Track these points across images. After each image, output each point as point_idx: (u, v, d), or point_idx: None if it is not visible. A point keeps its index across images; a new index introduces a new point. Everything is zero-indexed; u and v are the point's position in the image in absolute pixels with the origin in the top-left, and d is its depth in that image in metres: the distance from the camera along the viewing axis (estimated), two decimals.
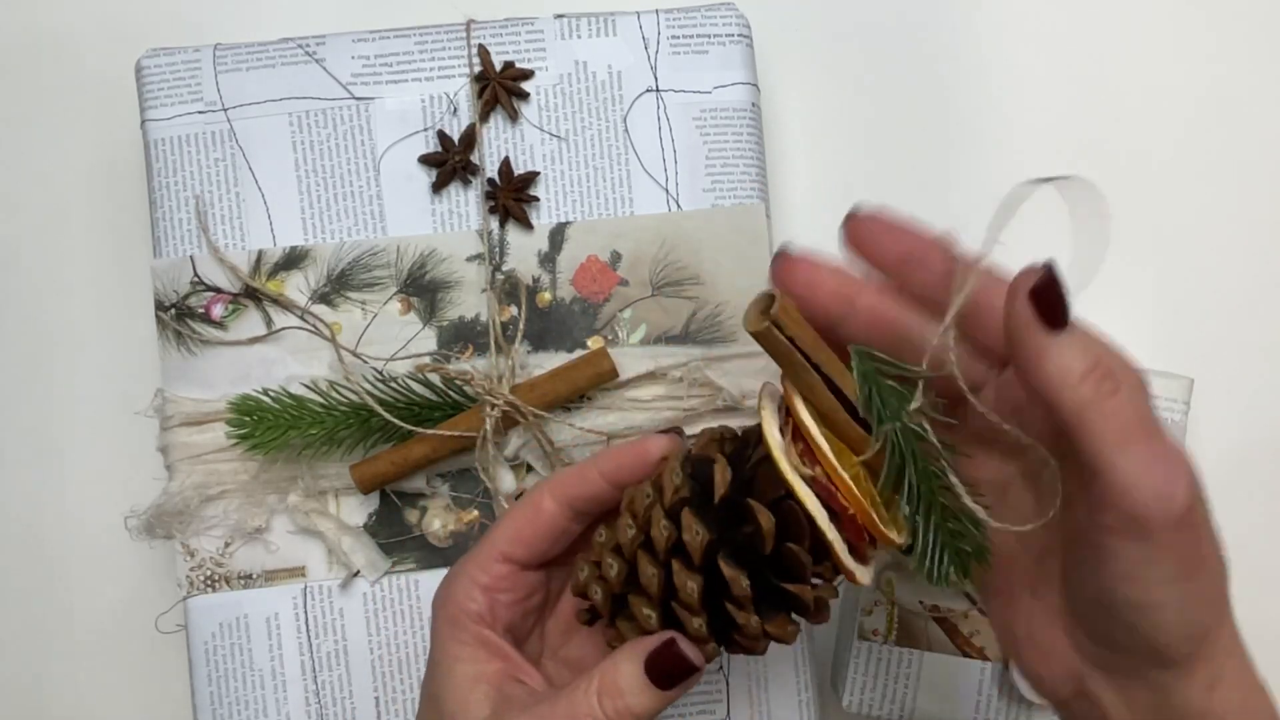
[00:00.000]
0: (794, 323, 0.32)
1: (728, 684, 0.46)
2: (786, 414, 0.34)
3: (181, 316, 0.46)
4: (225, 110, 0.47)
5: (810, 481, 0.32)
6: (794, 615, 0.35)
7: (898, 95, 0.53)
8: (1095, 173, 0.46)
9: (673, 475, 0.34)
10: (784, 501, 0.33)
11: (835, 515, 0.32)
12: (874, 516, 0.32)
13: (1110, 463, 0.28)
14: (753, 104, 0.48)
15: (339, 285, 0.47)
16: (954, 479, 0.32)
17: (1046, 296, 0.29)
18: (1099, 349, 0.29)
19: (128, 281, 0.52)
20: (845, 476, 0.32)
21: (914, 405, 0.31)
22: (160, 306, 0.46)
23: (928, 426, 0.32)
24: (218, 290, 0.46)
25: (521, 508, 0.37)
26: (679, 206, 0.47)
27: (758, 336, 0.32)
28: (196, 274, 0.46)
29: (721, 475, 0.33)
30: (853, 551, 0.33)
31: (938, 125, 0.53)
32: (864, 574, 0.33)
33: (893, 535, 0.33)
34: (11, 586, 0.51)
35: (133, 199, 0.52)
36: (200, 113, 0.47)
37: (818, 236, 0.52)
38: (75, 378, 0.52)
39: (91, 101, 0.53)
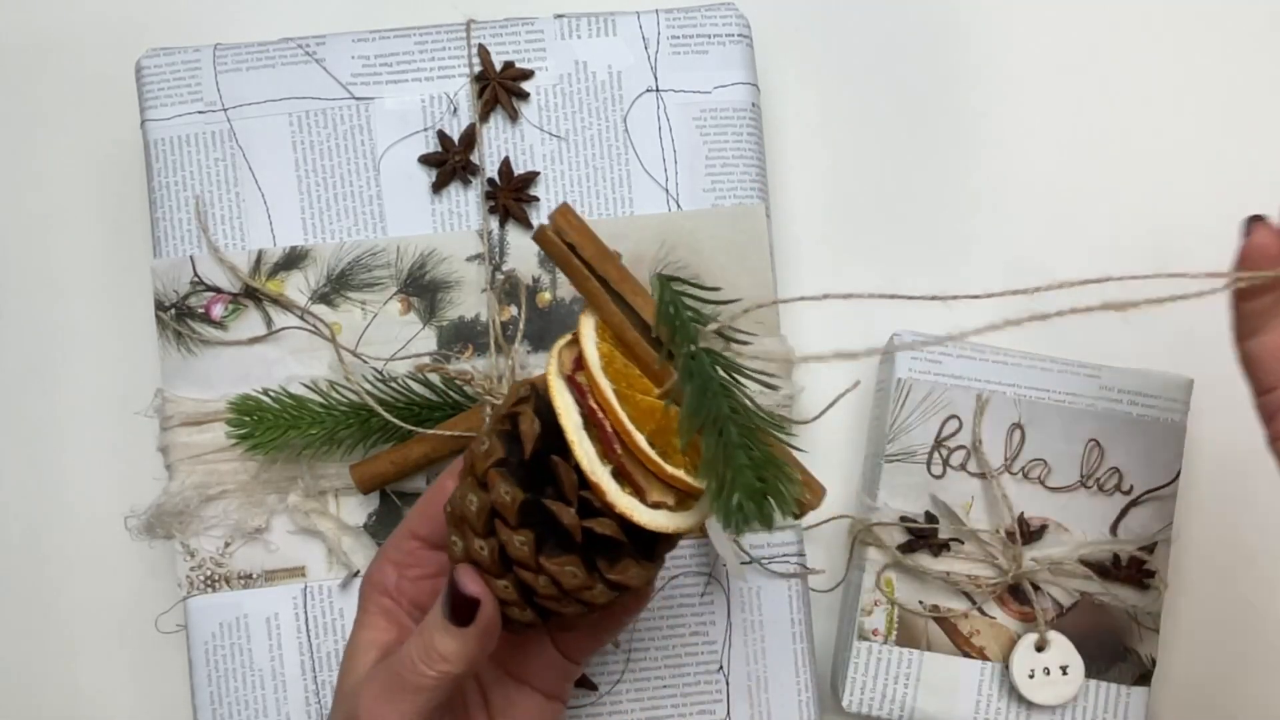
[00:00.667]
0: (575, 230, 0.31)
1: (728, 684, 0.46)
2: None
3: (181, 316, 0.46)
4: (225, 110, 0.47)
5: (584, 406, 0.31)
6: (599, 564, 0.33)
7: (898, 95, 0.53)
8: (1095, 172, 0.46)
9: (481, 441, 0.34)
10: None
11: (626, 450, 0.31)
12: (646, 449, 0.31)
13: None
14: (753, 104, 0.48)
15: (339, 285, 0.47)
16: (754, 408, 0.30)
17: None
18: None
19: (128, 281, 0.52)
20: (610, 397, 0.31)
21: (710, 327, 0.30)
22: (160, 306, 0.46)
23: (730, 354, 0.30)
24: (218, 290, 0.46)
25: (430, 489, 0.39)
26: (679, 206, 0.47)
27: (537, 239, 0.32)
28: (196, 274, 0.46)
29: (529, 428, 0.32)
30: (636, 490, 0.32)
31: (938, 125, 0.53)
32: (648, 515, 0.31)
33: (681, 473, 0.31)
34: (11, 586, 0.51)
35: (133, 199, 0.52)
36: (200, 113, 0.47)
37: (817, 236, 0.53)
38: (75, 378, 0.52)
39: (91, 101, 0.53)
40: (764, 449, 0.30)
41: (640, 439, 0.31)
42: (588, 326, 0.33)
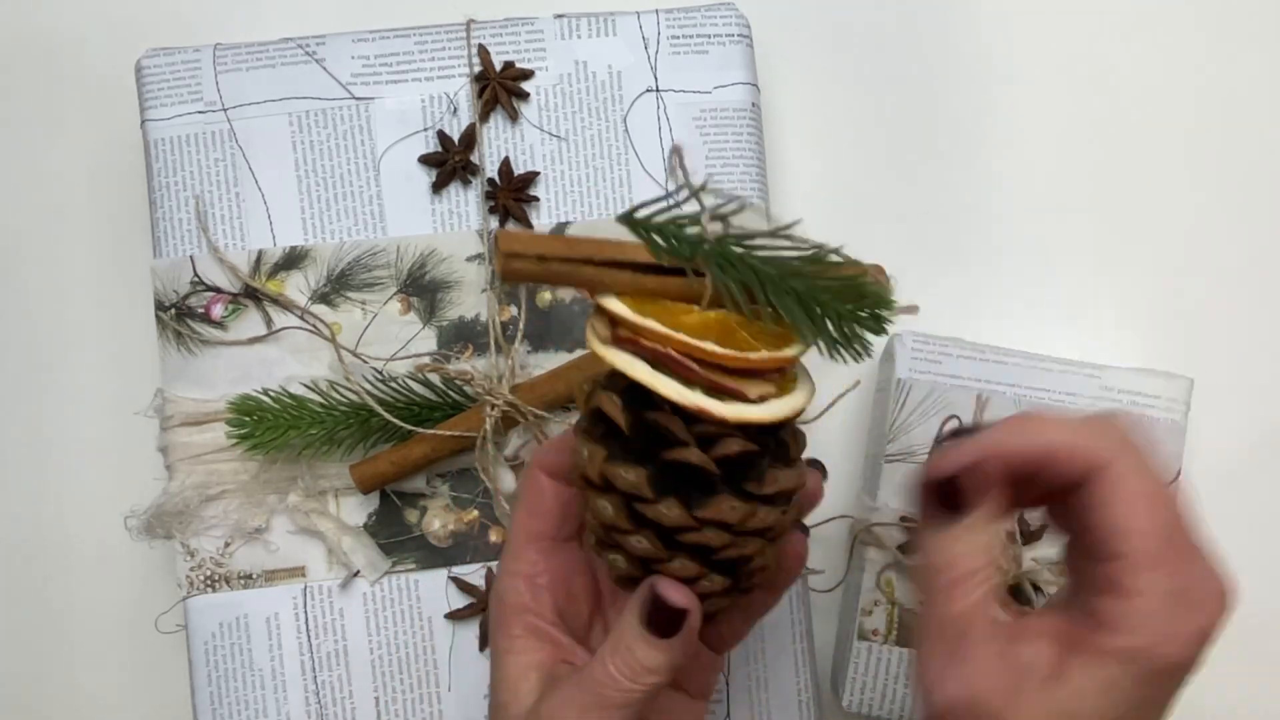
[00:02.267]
0: (529, 243, 0.32)
1: (728, 684, 0.46)
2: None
3: (181, 316, 0.46)
4: (225, 110, 0.47)
5: (645, 353, 0.32)
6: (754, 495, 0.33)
7: (898, 95, 0.53)
8: (1095, 172, 0.46)
9: (579, 454, 0.33)
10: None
11: (696, 375, 0.32)
12: (722, 351, 0.31)
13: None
14: (753, 104, 0.48)
15: (339, 285, 0.47)
16: (796, 252, 0.31)
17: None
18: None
19: (128, 281, 0.52)
20: (661, 329, 0.31)
21: (705, 221, 0.31)
22: (160, 306, 0.46)
23: (733, 229, 0.31)
24: (218, 290, 0.46)
25: (525, 492, 0.37)
26: (679, 206, 0.47)
27: (506, 275, 0.32)
28: (196, 274, 0.46)
29: (613, 406, 0.32)
30: (736, 396, 0.32)
31: (937, 125, 0.53)
32: (760, 410, 0.32)
33: (765, 353, 0.32)
34: (11, 586, 0.51)
35: (133, 199, 0.52)
36: (200, 113, 0.47)
37: (817, 236, 0.52)
38: (75, 378, 0.52)
39: (91, 101, 0.53)
40: (829, 276, 0.31)
41: (711, 345, 0.31)
42: (604, 298, 0.33)
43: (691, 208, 0.32)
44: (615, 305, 0.32)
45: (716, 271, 0.31)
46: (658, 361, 0.31)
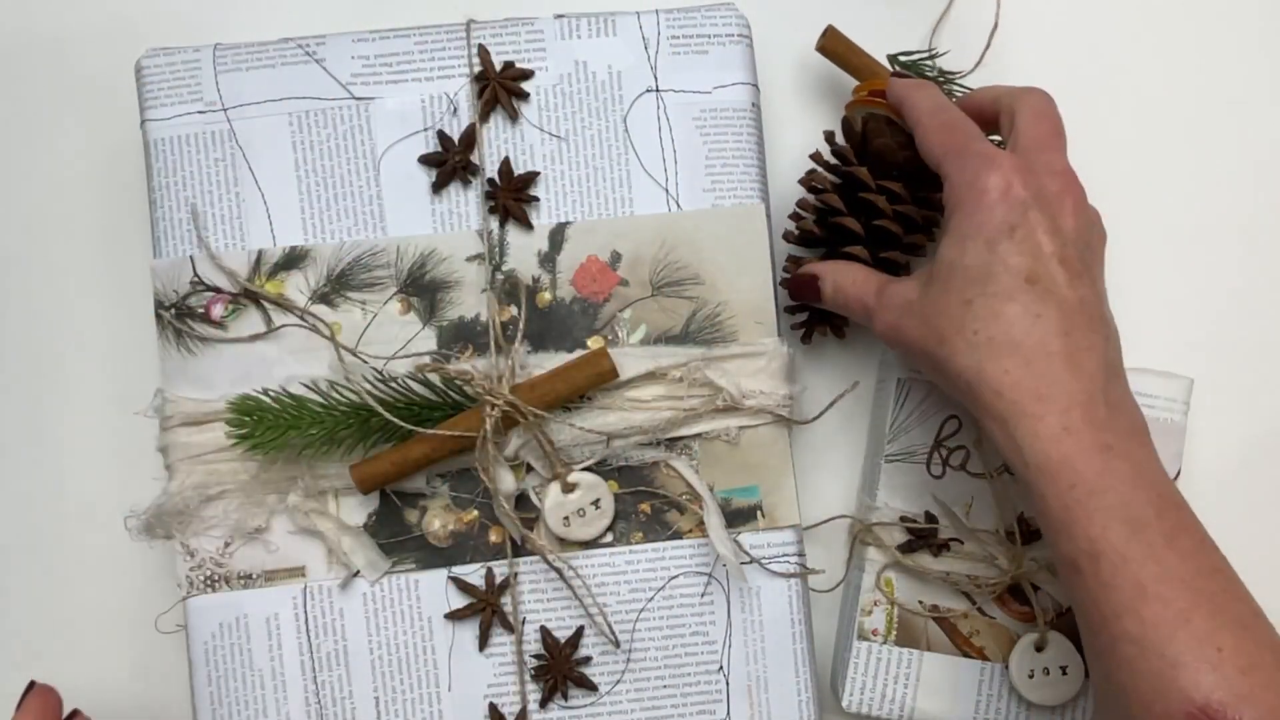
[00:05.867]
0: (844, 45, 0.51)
1: (728, 684, 0.46)
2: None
3: (181, 316, 0.46)
4: (225, 110, 0.47)
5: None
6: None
7: None
8: (1095, 172, 0.46)
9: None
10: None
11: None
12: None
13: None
14: (753, 104, 0.48)
15: (339, 285, 0.47)
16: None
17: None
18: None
19: (128, 281, 0.52)
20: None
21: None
22: (160, 306, 0.46)
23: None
24: (217, 290, 0.46)
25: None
26: (679, 206, 0.47)
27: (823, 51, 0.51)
28: (196, 274, 0.46)
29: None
30: None
31: None
32: None
33: None
34: (11, 586, 0.51)
35: (133, 199, 0.52)
36: (200, 113, 0.47)
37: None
38: (75, 378, 0.52)
39: (91, 101, 0.53)
40: None
41: None
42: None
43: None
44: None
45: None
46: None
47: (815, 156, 0.49)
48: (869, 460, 0.50)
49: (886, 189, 0.46)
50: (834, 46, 0.50)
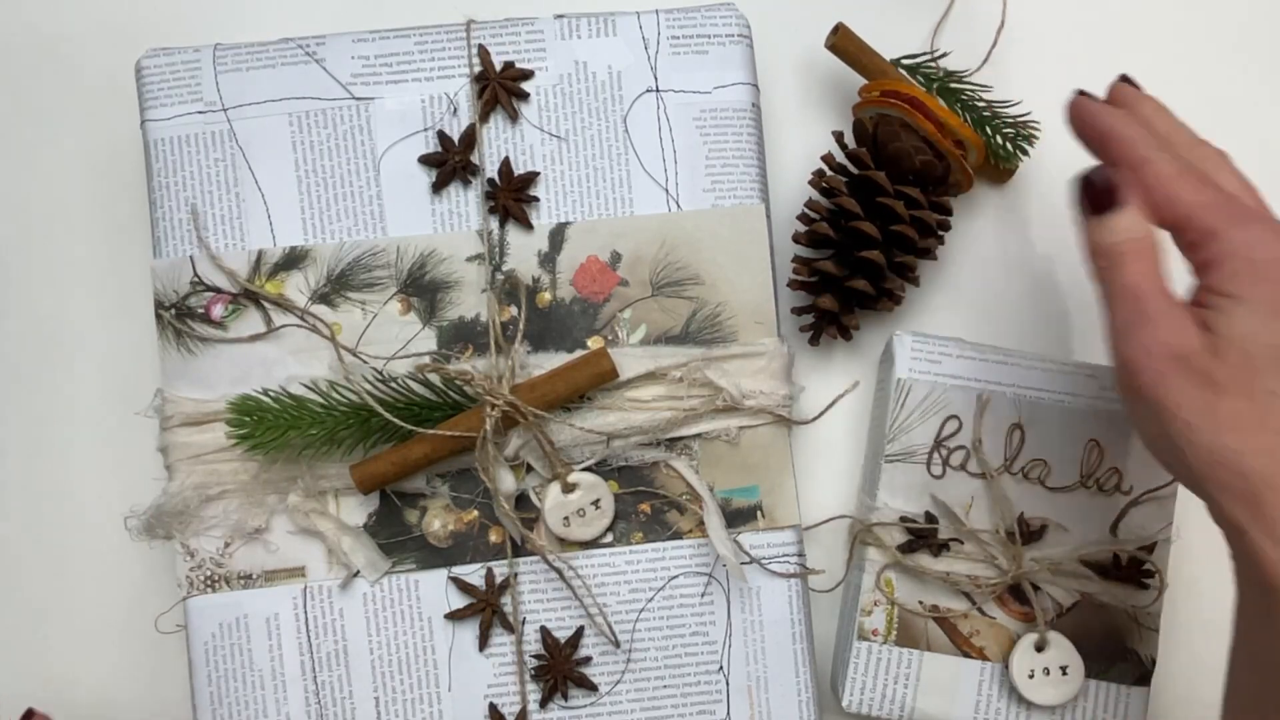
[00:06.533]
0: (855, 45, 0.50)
1: (728, 684, 0.46)
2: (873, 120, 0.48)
3: (181, 316, 0.46)
4: (225, 110, 0.47)
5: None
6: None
7: None
8: None
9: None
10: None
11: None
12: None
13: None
14: (753, 104, 0.48)
15: (339, 285, 0.47)
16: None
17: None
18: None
19: (128, 281, 0.52)
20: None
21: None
22: (160, 306, 0.46)
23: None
24: (218, 290, 0.46)
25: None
26: (679, 206, 0.47)
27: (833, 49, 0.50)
28: (196, 274, 0.46)
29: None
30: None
31: None
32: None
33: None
34: (11, 587, 0.51)
35: (133, 199, 0.52)
36: (200, 113, 0.47)
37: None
38: (75, 378, 0.52)
39: (91, 101, 0.53)
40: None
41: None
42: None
43: None
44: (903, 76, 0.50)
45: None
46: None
47: (827, 158, 0.49)
48: (869, 460, 0.50)
49: (904, 194, 0.47)
50: (844, 44, 0.50)
